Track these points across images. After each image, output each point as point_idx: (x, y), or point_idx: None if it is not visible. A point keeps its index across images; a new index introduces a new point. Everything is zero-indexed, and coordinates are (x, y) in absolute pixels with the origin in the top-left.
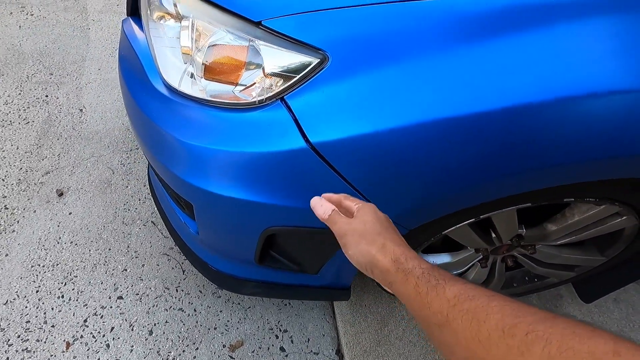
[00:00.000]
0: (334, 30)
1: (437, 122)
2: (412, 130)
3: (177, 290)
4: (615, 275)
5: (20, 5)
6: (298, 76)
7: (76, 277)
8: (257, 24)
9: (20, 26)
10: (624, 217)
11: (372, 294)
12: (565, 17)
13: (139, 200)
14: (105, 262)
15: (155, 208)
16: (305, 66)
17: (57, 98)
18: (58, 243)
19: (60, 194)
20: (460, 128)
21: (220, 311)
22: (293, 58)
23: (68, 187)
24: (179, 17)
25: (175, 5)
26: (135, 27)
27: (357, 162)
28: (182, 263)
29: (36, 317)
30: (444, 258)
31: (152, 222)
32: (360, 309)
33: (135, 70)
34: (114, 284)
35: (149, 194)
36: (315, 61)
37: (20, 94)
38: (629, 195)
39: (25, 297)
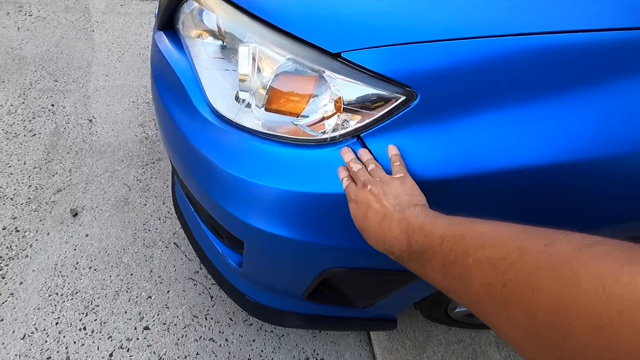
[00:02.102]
0: (424, 65)
1: (531, 170)
2: (499, 175)
3: (206, 319)
4: None
5: (18, 5)
6: (379, 114)
7: (98, 306)
8: (336, 55)
9: (19, 28)
10: None
11: (409, 319)
12: None
13: (159, 219)
14: (128, 288)
15: (178, 229)
16: (389, 103)
17: (64, 107)
18: (76, 269)
19: (75, 214)
20: (553, 177)
21: (253, 340)
22: (374, 93)
23: (82, 206)
24: (221, 36)
25: (218, 22)
26: (170, 43)
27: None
28: (210, 288)
29: (57, 352)
30: None
31: (174, 243)
32: (397, 334)
33: (176, 92)
34: (139, 313)
35: (169, 212)
36: (401, 98)
37: (24, 102)
38: None
39: (44, 330)
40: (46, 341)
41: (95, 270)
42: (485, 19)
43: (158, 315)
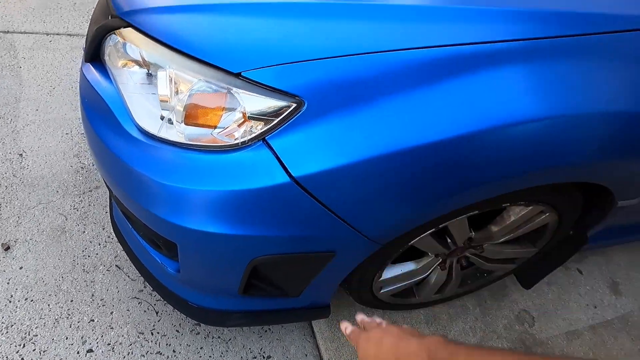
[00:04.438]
0: (307, 79)
1: (402, 151)
2: (382, 159)
3: (152, 334)
4: (546, 262)
5: None
6: (277, 119)
7: (36, 335)
8: (237, 74)
9: None
10: (547, 214)
11: (347, 308)
12: (491, 65)
13: (99, 244)
14: (69, 315)
15: (120, 251)
16: (283, 110)
17: None
18: (10, 302)
19: (7, 248)
20: (421, 155)
21: (201, 348)
22: (271, 103)
23: (15, 239)
24: (145, 65)
25: (141, 53)
26: (97, 73)
27: (336, 191)
28: (155, 304)
29: None
30: (409, 266)
31: (116, 266)
32: (338, 324)
33: (105, 117)
34: (82, 337)
35: (109, 236)
36: (292, 105)
37: None
38: (549, 197)
39: None
40: None
41: (31, 301)
42: (352, 40)
43: (102, 336)
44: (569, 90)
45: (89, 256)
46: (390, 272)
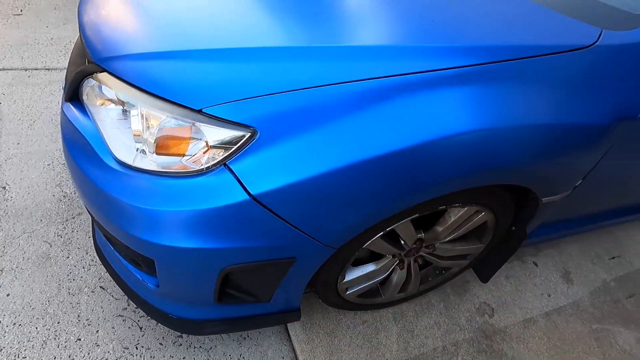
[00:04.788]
0: (259, 111)
1: (342, 167)
2: (325, 175)
3: (137, 348)
4: (496, 257)
5: None
6: (235, 147)
7: (25, 357)
8: (199, 111)
9: None
10: (483, 213)
11: (320, 312)
12: (427, 88)
13: (83, 268)
14: (56, 336)
15: (103, 273)
16: (240, 139)
17: None
18: None
19: None
20: (359, 169)
21: (184, 358)
22: (230, 133)
23: (1, 268)
24: (120, 103)
25: (116, 94)
26: (77, 112)
27: (289, 204)
28: (139, 320)
29: None
30: (370, 267)
31: (100, 287)
32: (312, 327)
33: (85, 151)
34: (69, 356)
35: (92, 260)
36: (247, 134)
37: None
38: (481, 198)
39: None
40: None
41: (19, 325)
42: (296, 77)
43: (89, 354)
44: (491, 107)
45: (73, 279)
46: (352, 274)
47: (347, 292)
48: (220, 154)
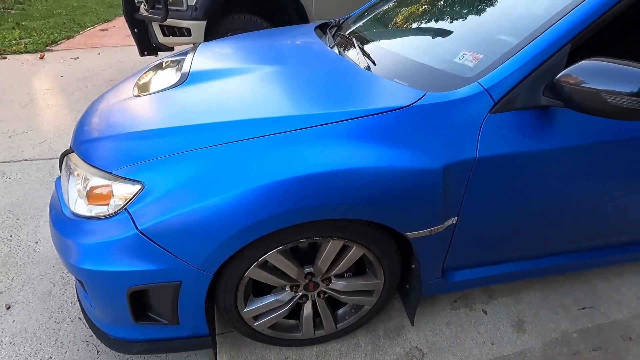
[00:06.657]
0: (147, 170)
1: (202, 207)
2: (190, 212)
3: None
4: (408, 297)
5: (2, 172)
6: (132, 196)
7: None
8: (110, 173)
9: None
10: (355, 248)
11: (248, 346)
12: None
13: (71, 302)
14: (36, 353)
15: None
16: (134, 190)
17: (19, 236)
18: (0, 345)
19: (8, 307)
20: (214, 207)
21: None
22: (129, 188)
23: (16, 301)
24: (77, 171)
25: (72, 164)
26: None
27: (166, 234)
28: (98, 345)
29: None
30: (269, 298)
31: (79, 317)
32: (237, 359)
33: (55, 207)
34: None
35: None
36: (139, 187)
37: None
38: (336, 232)
39: None
40: None
41: (14, 344)
42: (176, 145)
43: None
44: (322, 156)
45: (61, 311)
46: (254, 304)
47: (256, 323)
48: (122, 202)
